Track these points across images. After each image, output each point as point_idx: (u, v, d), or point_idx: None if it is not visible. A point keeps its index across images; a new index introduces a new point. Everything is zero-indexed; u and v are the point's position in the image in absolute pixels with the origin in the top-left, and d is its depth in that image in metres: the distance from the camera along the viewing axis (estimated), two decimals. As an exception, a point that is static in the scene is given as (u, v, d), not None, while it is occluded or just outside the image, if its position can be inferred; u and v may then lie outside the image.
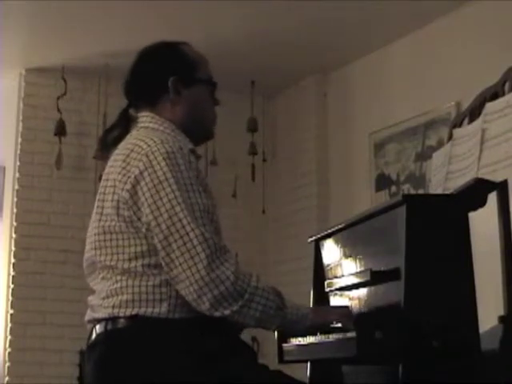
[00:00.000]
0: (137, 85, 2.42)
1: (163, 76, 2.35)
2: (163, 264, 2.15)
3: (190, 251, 2.11)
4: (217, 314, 2.12)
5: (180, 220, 2.13)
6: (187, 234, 2.12)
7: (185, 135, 2.34)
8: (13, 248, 5.81)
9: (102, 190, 2.27)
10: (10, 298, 5.75)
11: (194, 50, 2.44)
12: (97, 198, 2.29)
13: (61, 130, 5.85)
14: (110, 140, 2.39)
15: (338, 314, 2.32)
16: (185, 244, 2.12)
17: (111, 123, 2.43)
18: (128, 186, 2.18)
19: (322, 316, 2.29)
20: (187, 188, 2.16)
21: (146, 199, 2.15)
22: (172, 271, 2.13)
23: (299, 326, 2.24)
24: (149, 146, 2.20)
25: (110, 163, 2.30)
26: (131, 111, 2.43)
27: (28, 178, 5.91)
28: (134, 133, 2.35)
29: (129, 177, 2.19)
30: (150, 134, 2.28)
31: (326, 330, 2.27)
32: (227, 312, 2.12)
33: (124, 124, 2.41)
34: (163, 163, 2.16)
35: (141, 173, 2.17)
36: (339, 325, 2.28)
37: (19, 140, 5.94)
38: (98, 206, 2.27)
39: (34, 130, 5.96)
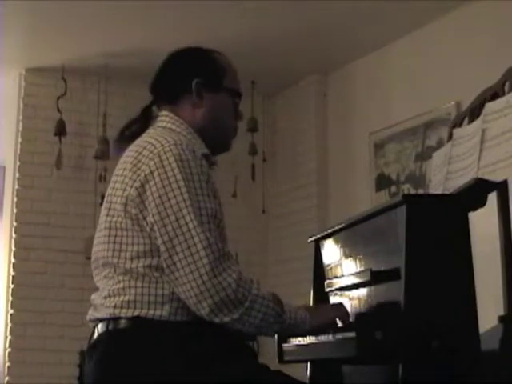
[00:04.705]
0: (162, 83, 2.42)
1: (188, 77, 2.35)
2: (165, 266, 2.14)
3: (194, 255, 2.10)
4: (216, 319, 2.11)
5: (186, 223, 2.12)
6: (192, 237, 2.11)
7: (201, 140, 2.33)
8: (13, 248, 5.82)
9: (112, 185, 2.27)
10: (10, 298, 5.76)
11: (226, 59, 2.43)
12: (107, 193, 2.29)
13: (61, 130, 5.85)
14: (126, 135, 2.39)
15: (336, 312, 2.32)
16: (189, 248, 2.11)
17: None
18: (137, 184, 2.18)
19: (320, 318, 2.29)
20: (197, 191, 2.15)
21: (154, 199, 2.15)
22: (173, 273, 2.12)
23: (298, 330, 2.25)
24: (162, 145, 2.20)
25: (122, 159, 2.30)
26: (154, 109, 2.42)
27: (28, 178, 5.91)
28: (150, 131, 2.34)
29: (138, 175, 2.19)
30: (165, 133, 2.28)
31: (325, 332, 2.27)
32: (227, 319, 2.11)
33: (144, 120, 2.40)
34: (174, 164, 2.16)
35: (151, 172, 2.17)
36: (339, 324, 2.29)
37: (19, 140, 5.95)
38: (106, 201, 2.27)
39: (34, 130, 5.97)
